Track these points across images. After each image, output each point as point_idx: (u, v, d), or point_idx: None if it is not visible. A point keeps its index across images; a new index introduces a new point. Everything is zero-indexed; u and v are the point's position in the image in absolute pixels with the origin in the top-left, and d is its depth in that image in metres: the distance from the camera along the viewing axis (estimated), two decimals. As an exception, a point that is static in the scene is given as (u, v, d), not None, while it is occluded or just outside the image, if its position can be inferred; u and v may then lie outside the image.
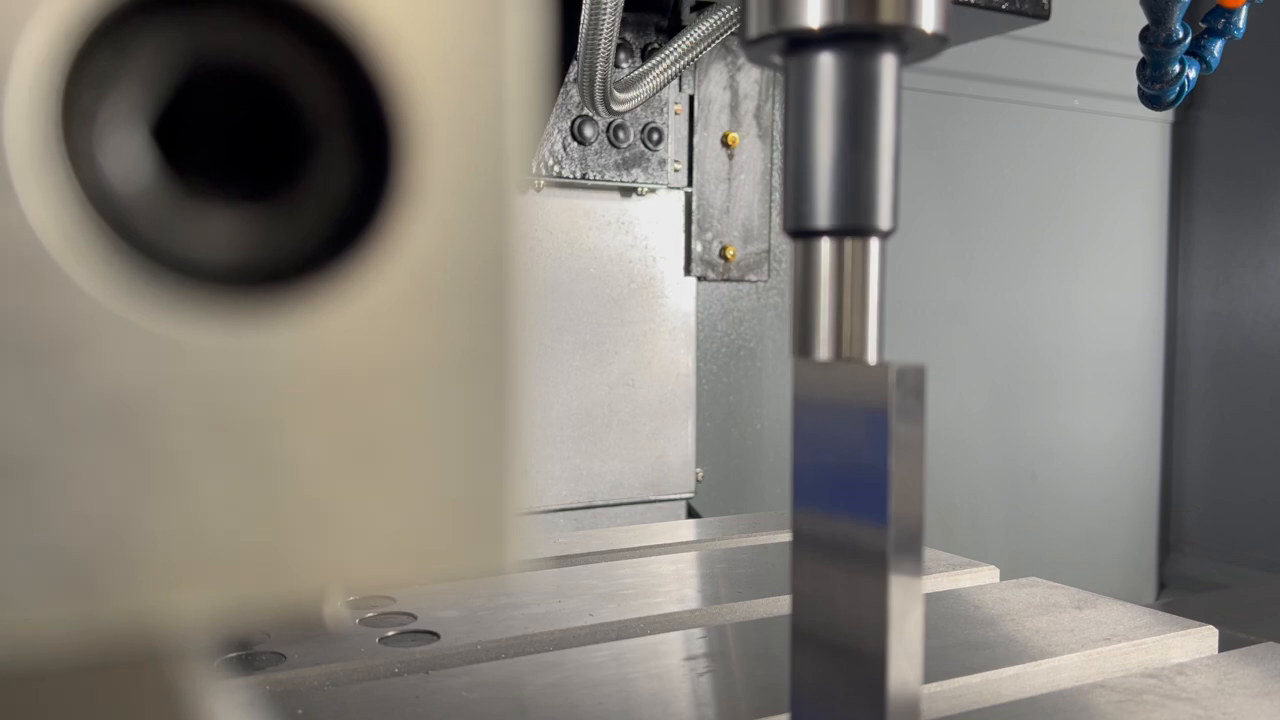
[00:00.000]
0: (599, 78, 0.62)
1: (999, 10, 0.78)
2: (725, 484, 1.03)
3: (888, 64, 0.29)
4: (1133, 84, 0.63)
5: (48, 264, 0.13)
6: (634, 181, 0.90)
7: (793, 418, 0.31)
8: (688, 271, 0.96)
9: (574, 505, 0.91)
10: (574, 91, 0.72)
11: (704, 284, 0.99)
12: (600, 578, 0.64)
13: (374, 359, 0.15)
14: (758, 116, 0.97)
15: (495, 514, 0.16)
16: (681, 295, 0.96)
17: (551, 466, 0.90)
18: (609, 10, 0.58)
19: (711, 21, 0.68)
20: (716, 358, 1.03)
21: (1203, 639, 0.55)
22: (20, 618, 0.13)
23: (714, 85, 0.95)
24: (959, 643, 0.52)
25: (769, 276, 1.01)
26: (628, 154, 0.90)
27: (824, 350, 0.30)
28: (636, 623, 0.56)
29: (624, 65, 0.87)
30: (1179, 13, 0.57)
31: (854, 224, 0.29)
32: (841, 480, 0.30)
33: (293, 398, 0.15)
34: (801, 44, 0.29)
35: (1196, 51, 0.61)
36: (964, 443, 1.20)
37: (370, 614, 0.55)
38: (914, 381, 0.29)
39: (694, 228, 0.95)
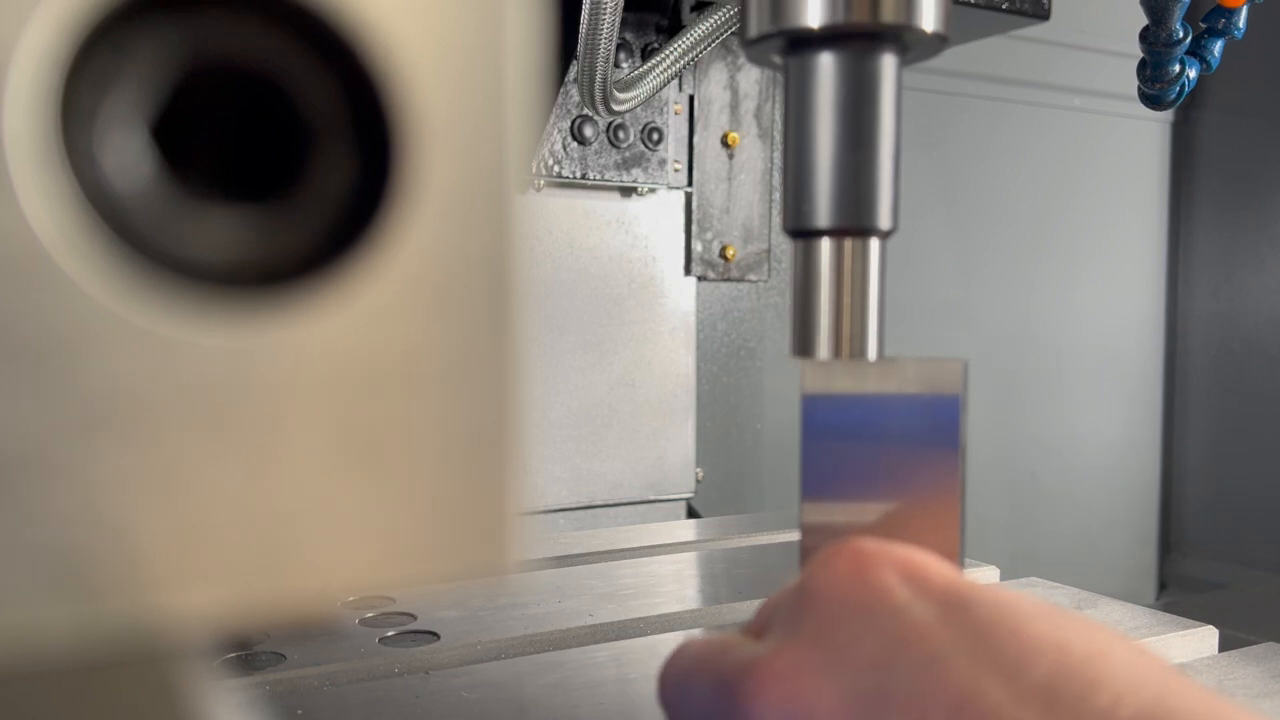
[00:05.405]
0: (599, 78, 0.62)
1: (999, 10, 0.78)
2: (725, 484, 1.03)
3: (888, 64, 0.29)
4: (1133, 84, 0.63)
5: (48, 264, 0.13)
6: (634, 181, 0.90)
7: (801, 412, 0.31)
8: (688, 271, 0.95)
9: (574, 505, 0.91)
10: (574, 91, 0.72)
11: (704, 284, 0.98)
12: (600, 578, 0.64)
13: (373, 359, 0.15)
14: (758, 116, 0.97)
15: (495, 514, 0.16)
16: (681, 295, 0.96)
17: (551, 466, 0.90)
18: (609, 10, 0.58)
19: (711, 21, 0.68)
20: (716, 358, 1.03)
21: (1203, 639, 0.55)
22: (20, 618, 0.13)
23: (714, 85, 0.95)
24: (959, 643, 0.52)
25: (769, 276, 1.01)
26: (628, 154, 0.90)
27: (824, 350, 0.30)
28: (636, 623, 0.56)
29: (624, 65, 0.87)
30: (1179, 13, 0.57)
31: (854, 224, 0.29)
32: (875, 471, 0.31)
33: (292, 398, 0.15)
34: (801, 44, 0.29)
35: (1196, 51, 0.61)
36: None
37: (370, 614, 0.55)
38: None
39: (694, 228, 0.95)
